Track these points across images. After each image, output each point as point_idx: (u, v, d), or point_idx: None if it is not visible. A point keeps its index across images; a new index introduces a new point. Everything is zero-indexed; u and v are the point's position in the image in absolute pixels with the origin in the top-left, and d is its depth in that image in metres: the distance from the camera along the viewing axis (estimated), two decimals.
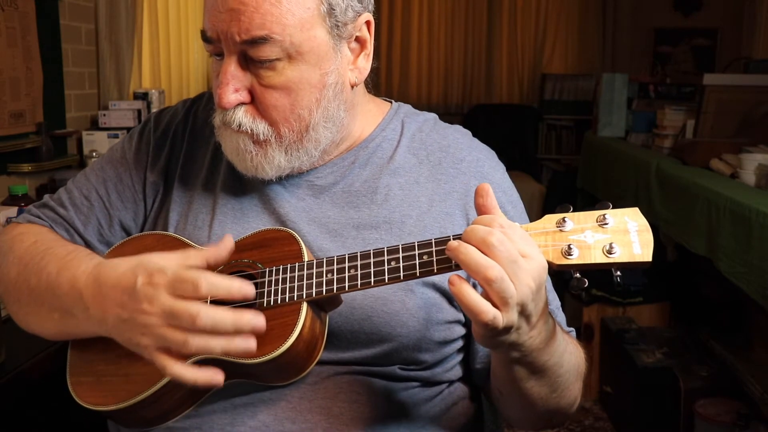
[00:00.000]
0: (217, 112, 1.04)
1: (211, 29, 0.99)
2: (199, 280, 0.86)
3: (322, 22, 0.99)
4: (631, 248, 0.85)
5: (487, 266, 0.79)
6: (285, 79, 0.99)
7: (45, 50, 2.73)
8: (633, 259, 0.85)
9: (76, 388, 1.01)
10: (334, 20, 1.00)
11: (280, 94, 1.00)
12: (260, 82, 0.99)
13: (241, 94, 1.00)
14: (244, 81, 1.00)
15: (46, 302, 1.02)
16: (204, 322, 0.85)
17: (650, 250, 0.85)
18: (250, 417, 0.99)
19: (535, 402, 0.99)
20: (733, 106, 3.00)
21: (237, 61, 0.99)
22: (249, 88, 1.00)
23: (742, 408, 2.53)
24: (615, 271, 0.86)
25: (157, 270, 0.88)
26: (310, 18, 0.98)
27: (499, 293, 0.80)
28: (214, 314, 0.85)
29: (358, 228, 1.05)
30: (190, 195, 1.13)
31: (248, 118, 1.01)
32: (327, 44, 1.00)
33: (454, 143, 1.15)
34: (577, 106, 5.70)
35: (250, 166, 1.04)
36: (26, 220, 1.17)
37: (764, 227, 2.04)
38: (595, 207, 0.89)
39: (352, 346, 1.01)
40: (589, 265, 0.86)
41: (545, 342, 0.90)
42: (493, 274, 0.79)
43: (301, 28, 0.97)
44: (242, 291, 0.87)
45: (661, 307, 3.42)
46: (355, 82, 1.06)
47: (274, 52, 0.97)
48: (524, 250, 0.82)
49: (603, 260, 0.85)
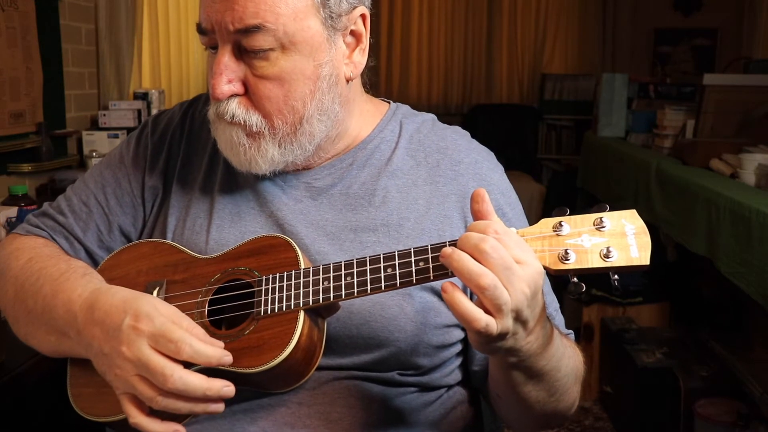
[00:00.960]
0: (212, 104, 1.04)
1: (206, 20, 0.99)
2: (182, 344, 0.87)
3: (316, 13, 0.99)
4: (628, 252, 0.84)
5: (480, 274, 0.79)
6: (278, 69, 0.99)
7: (45, 50, 2.73)
8: (630, 263, 0.84)
9: (76, 400, 1.02)
10: (328, 11, 1.00)
11: (273, 85, 0.99)
12: (254, 72, 0.99)
13: (234, 85, 1.00)
14: (238, 72, 0.99)
15: (43, 324, 1.03)
16: (175, 386, 0.86)
17: (648, 253, 0.84)
18: (250, 423, 0.99)
19: (532, 405, 0.99)
20: (733, 106, 3.00)
21: (231, 51, 0.98)
22: (243, 79, 1.00)
23: (742, 408, 2.53)
24: (612, 275, 0.86)
25: (146, 315, 0.89)
26: (304, 8, 0.98)
27: (492, 300, 0.79)
28: (186, 379, 0.86)
29: (355, 231, 1.05)
30: (188, 199, 1.12)
31: (241, 110, 1.01)
32: (321, 35, 1.00)
33: (452, 145, 1.14)
34: (577, 106, 5.70)
35: (244, 160, 1.04)
36: (25, 230, 1.17)
37: (764, 227, 2.04)
38: (592, 210, 0.88)
39: (351, 351, 1.01)
40: (586, 270, 0.85)
41: (543, 347, 0.89)
42: (486, 282, 0.79)
43: (295, 17, 0.97)
44: (221, 361, 0.89)
45: (661, 307, 3.42)
46: (350, 77, 1.06)
47: (267, 42, 0.97)
48: (519, 256, 0.81)
49: (600, 264, 0.84)
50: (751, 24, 4.52)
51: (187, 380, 0.86)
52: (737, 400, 2.59)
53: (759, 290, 2.05)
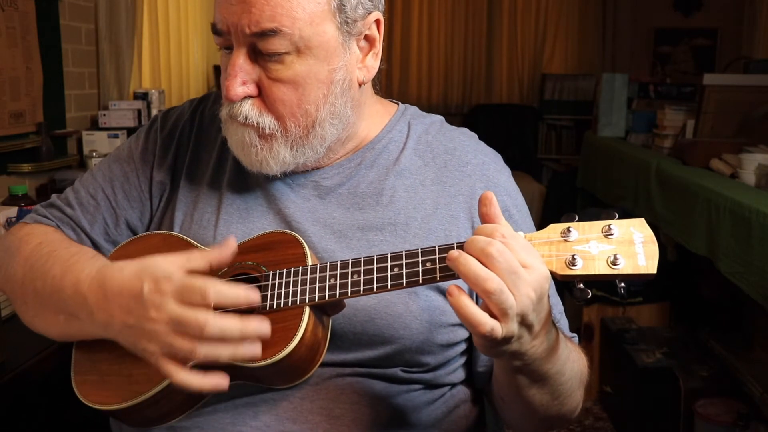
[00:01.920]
0: (224, 105, 1.04)
1: (222, 21, 0.99)
2: (207, 289, 0.86)
3: (332, 18, 0.99)
4: (635, 260, 0.84)
5: (486, 278, 0.79)
6: (293, 73, 0.99)
7: (45, 50, 2.73)
8: (637, 271, 0.84)
9: (80, 387, 1.01)
10: (344, 16, 1.00)
11: (287, 88, 1.00)
12: (268, 75, 0.99)
13: (248, 86, 1.00)
14: (252, 74, 1.00)
15: (51, 305, 1.02)
16: (212, 331, 0.85)
17: (655, 262, 0.84)
18: (252, 417, 0.99)
19: (536, 409, 0.99)
20: (733, 106, 3.00)
21: (246, 53, 0.99)
22: (257, 81, 1.00)
23: (742, 408, 2.53)
24: (619, 282, 0.86)
25: (163, 276, 0.88)
26: (321, 13, 0.98)
27: (498, 305, 0.79)
28: (222, 323, 0.85)
29: (362, 230, 1.05)
30: (196, 194, 1.13)
31: (255, 112, 1.01)
32: (336, 40, 1.01)
33: (460, 146, 1.15)
34: (577, 106, 5.70)
35: (255, 161, 1.04)
36: (33, 219, 1.17)
37: (764, 227, 2.04)
38: (601, 217, 0.88)
39: (355, 347, 1.01)
40: (592, 276, 0.85)
41: (548, 351, 0.89)
42: (492, 286, 0.79)
43: (311, 22, 0.97)
44: (249, 299, 0.88)
45: (661, 307, 3.42)
46: (363, 81, 1.07)
47: (283, 46, 0.97)
48: (525, 261, 0.81)
49: (607, 272, 0.84)
50: (751, 24, 4.52)
51: (223, 323, 0.85)
52: (737, 400, 2.59)
53: (759, 290, 2.05)
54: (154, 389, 0.95)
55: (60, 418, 1.49)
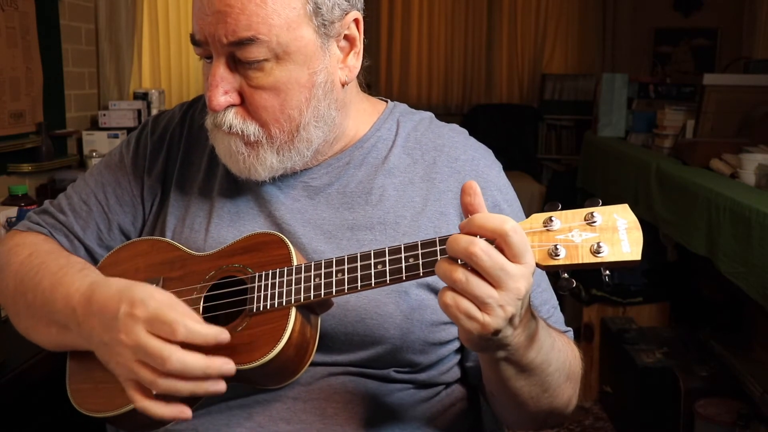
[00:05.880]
0: (209, 115, 1.04)
1: (199, 32, 0.99)
2: (176, 325, 0.86)
3: (309, 22, 0.99)
4: (619, 247, 0.82)
5: (469, 282, 0.79)
6: (273, 79, 0.99)
7: (45, 50, 2.73)
8: (621, 258, 0.82)
9: (75, 396, 1.02)
10: (320, 19, 1.00)
11: (269, 95, 1.00)
12: (249, 83, 0.99)
13: (230, 95, 1.00)
14: (233, 83, 1.00)
15: (43, 317, 1.04)
16: (173, 367, 0.85)
17: (639, 248, 0.82)
18: (246, 418, 0.99)
19: (526, 401, 0.98)
20: (733, 106, 3.00)
21: (225, 63, 0.99)
22: (238, 89, 1.00)
23: (742, 408, 2.53)
24: (604, 271, 0.84)
25: (140, 301, 0.89)
26: (297, 18, 0.98)
27: (480, 300, 0.79)
28: (185, 359, 0.86)
29: (352, 229, 1.05)
30: (188, 199, 1.13)
31: (238, 120, 1.01)
32: (314, 43, 1.00)
33: (449, 142, 1.14)
34: (577, 106, 5.70)
35: (243, 168, 1.04)
36: (26, 227, 1.18)
37: (764, 227, 2.04)
38: (584, 204, 0.86)
39: (347, 348, 1.01)
40: (576, 265, 0.83)
41: (529, 338, 0.89)
42: (478, 292, 0.79)
43: (288, 28, 0.97)
44: (218, 339, 0.88)
45: (661, 307, 3.42)
46: (345, 81, 1.06)
47: (261, 53, 0.97)
48: (514, 260, 0.81)
49: (590, 260, 0.83)
50: (751, 24, 4.52)
51: (186, 360, 0.86)
52: (737, 400, 2.59)
53: (759, 290, 2.05)
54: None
55: (60, 418, 1.49)
